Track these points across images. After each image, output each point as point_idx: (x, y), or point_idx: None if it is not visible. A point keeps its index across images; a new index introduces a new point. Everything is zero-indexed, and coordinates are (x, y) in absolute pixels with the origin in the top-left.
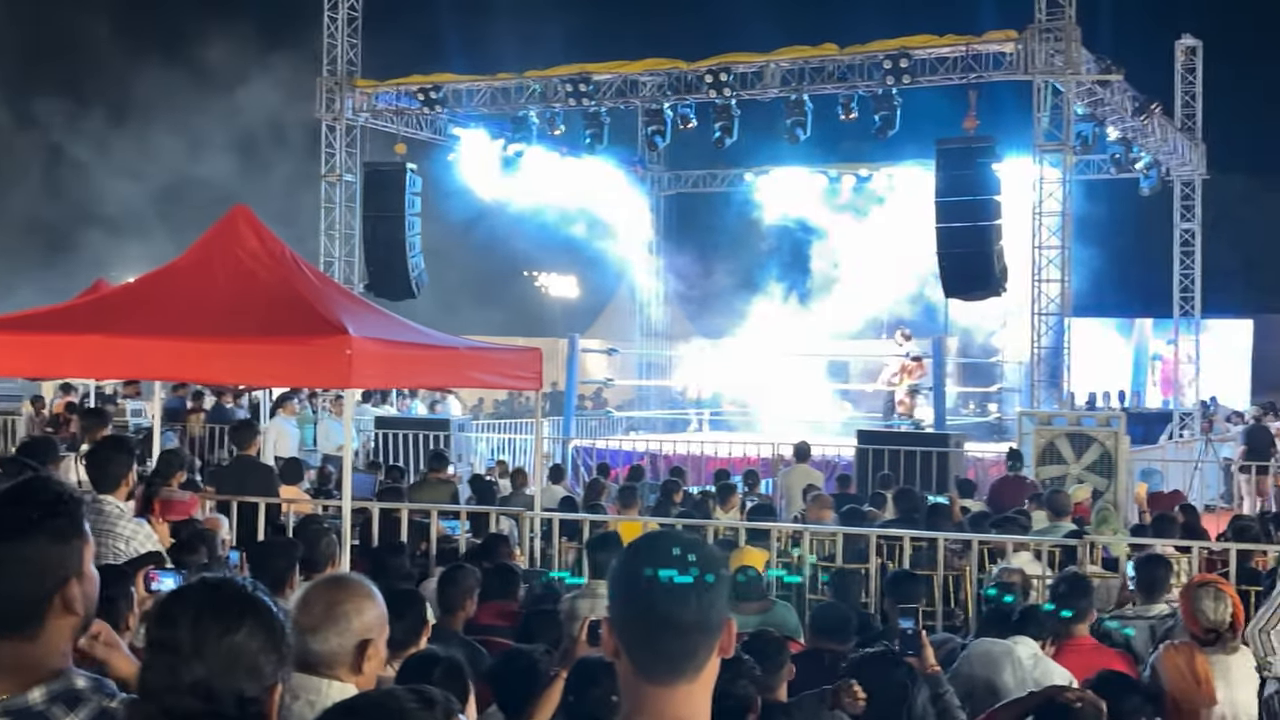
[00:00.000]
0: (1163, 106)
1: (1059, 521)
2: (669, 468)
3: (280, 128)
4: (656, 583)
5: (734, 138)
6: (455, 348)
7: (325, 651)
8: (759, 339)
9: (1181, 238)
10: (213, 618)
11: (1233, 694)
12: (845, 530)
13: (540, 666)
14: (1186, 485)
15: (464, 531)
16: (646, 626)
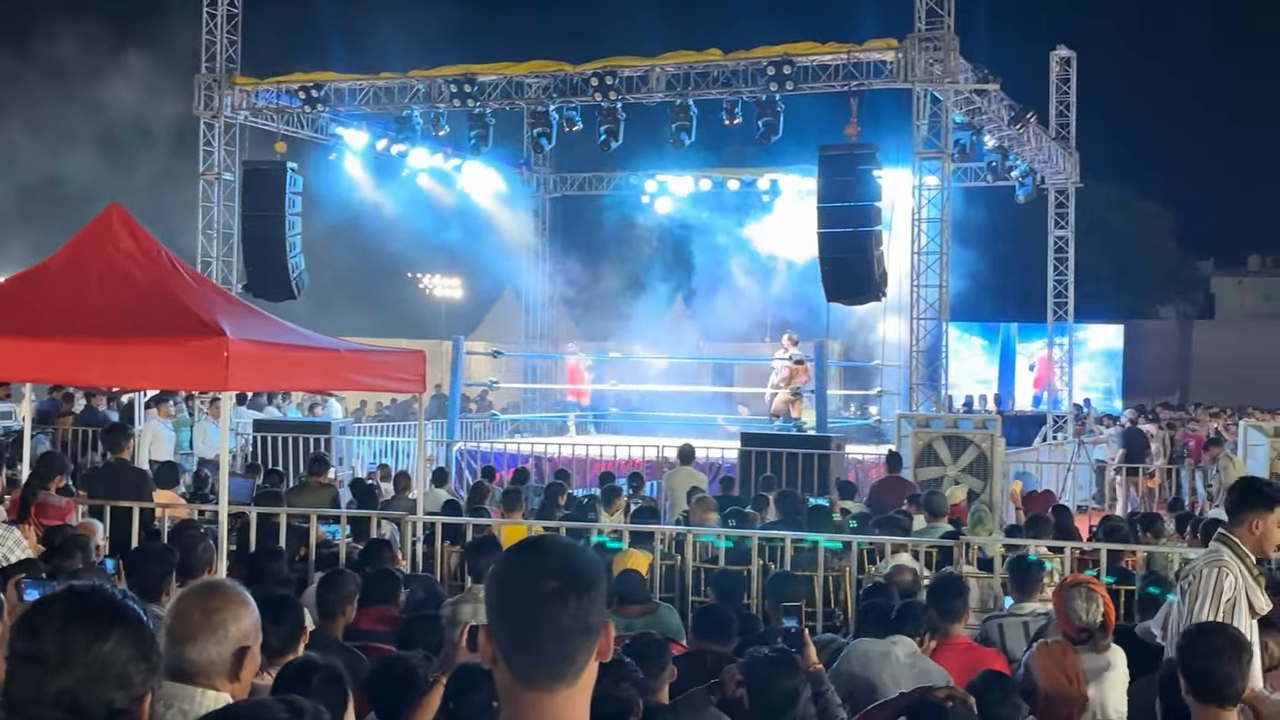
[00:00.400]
0: (1037, 116)
1: (936, 522)
2: (554, 471)
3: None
4: (533, 588)
5: (619, 141)
6: (336, 350)
7: (202, 661)
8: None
9: (1055, 244)
10: (80, 627)
11: (1103, 692)
12: (728, 532)
13: (418, 674)
14: (1060, 486)
15: (344, 536)
16: (523, 632)
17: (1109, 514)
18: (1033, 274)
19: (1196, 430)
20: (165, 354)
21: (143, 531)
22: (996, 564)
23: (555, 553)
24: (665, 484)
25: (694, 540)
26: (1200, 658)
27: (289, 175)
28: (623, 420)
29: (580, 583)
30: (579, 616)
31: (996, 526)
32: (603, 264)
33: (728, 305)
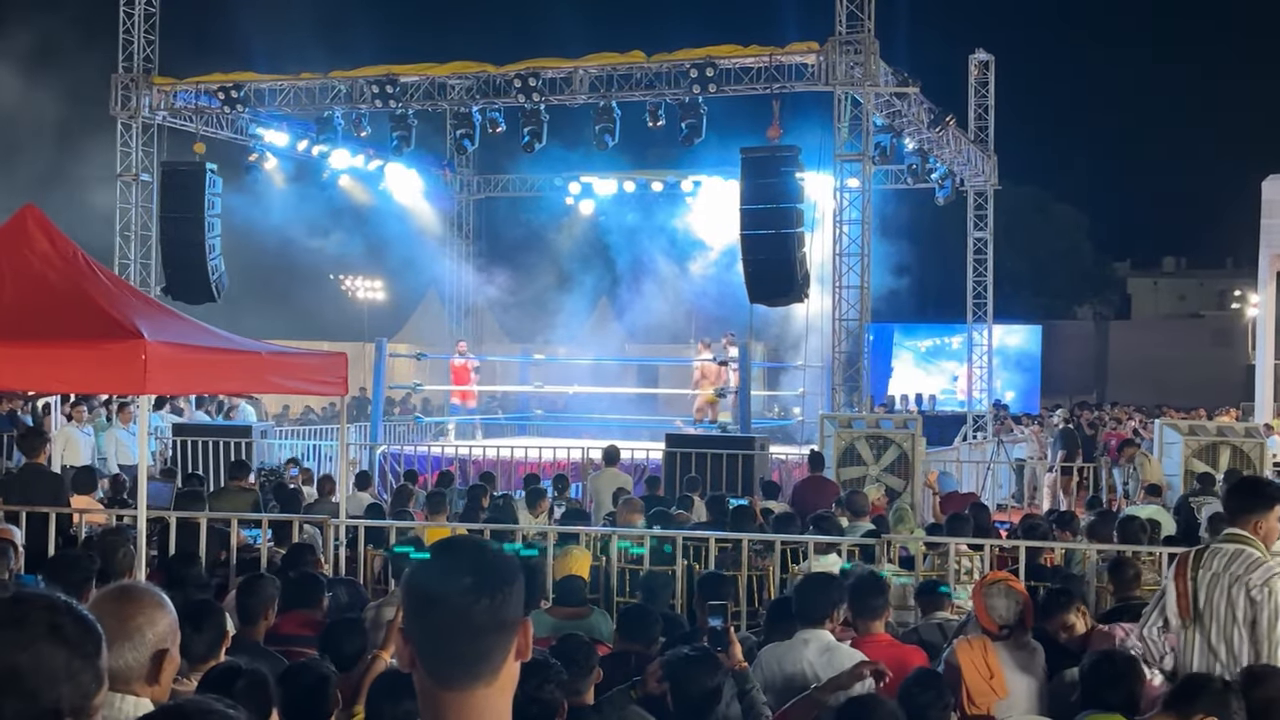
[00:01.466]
0: (956, 119)
1: (858, 521)
2: (478, 473)
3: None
4: (445, 587)
5: (543, 143)
6: (257, 352)
7: (119, 666)
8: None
9: (974, 246)
10: None
11: (1022, 687)
12: (654, 534)
13: (330, 681)
14: (979, 485)
15: (265, 540)
16: (438, 632)
17: (1029, 512)
18: (952, 276)
19: (1114, 430)
20: (81, 357)
21: (59, 537)
22: (918, 562)
23: (467, 552)
24: (590, 485)
25: (618, 542)
26: None
27: (208, 176)
28: (547, 422)
29: (493, 580)
30: (492, 613)
31: (917, 525)
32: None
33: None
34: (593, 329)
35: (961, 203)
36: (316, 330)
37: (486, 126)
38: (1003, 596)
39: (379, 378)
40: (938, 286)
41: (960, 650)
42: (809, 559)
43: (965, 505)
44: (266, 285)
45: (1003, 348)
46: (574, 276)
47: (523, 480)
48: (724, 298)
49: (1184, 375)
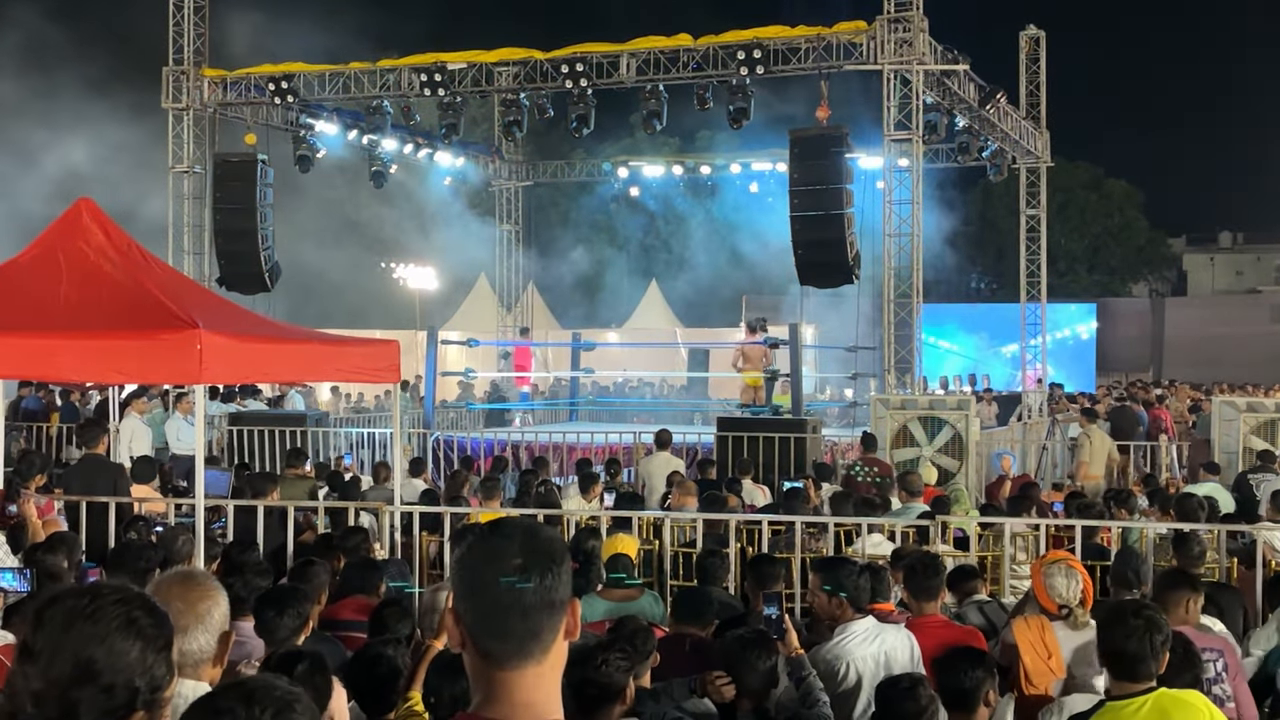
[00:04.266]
0: (1007, 95)
1: (912, 502)
2: (531, 458)
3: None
4: (495, 567)
5: (590, 128)
6: (310, 341)
7: (194, 649)
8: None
9: (1027, 224)
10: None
11: (1082, 668)
12: (705, 516)
13: (396, 662)
14: (1036, 465)
15: (322, 527)
16: (488, 611)
17: (1072, 490)
18: (1004, 256)
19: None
20: (137, 348)
21: (120, 525)
22: (973, 543)
23: (515, 532)
24: (643, 470)
25: (672, 525)
26: None
27: (260, 167)
28: (599, 407)
29: (542, 559)
30: (542, 593)
31: (972, 506)
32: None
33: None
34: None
35: (1013, 180)
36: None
37: (534, 112)
38: (1063, 576)
39: (431, 365)
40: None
41: (1018, 629)
42: (860, 539)
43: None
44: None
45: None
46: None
47: (575, 465)
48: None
49: (1241, 352)
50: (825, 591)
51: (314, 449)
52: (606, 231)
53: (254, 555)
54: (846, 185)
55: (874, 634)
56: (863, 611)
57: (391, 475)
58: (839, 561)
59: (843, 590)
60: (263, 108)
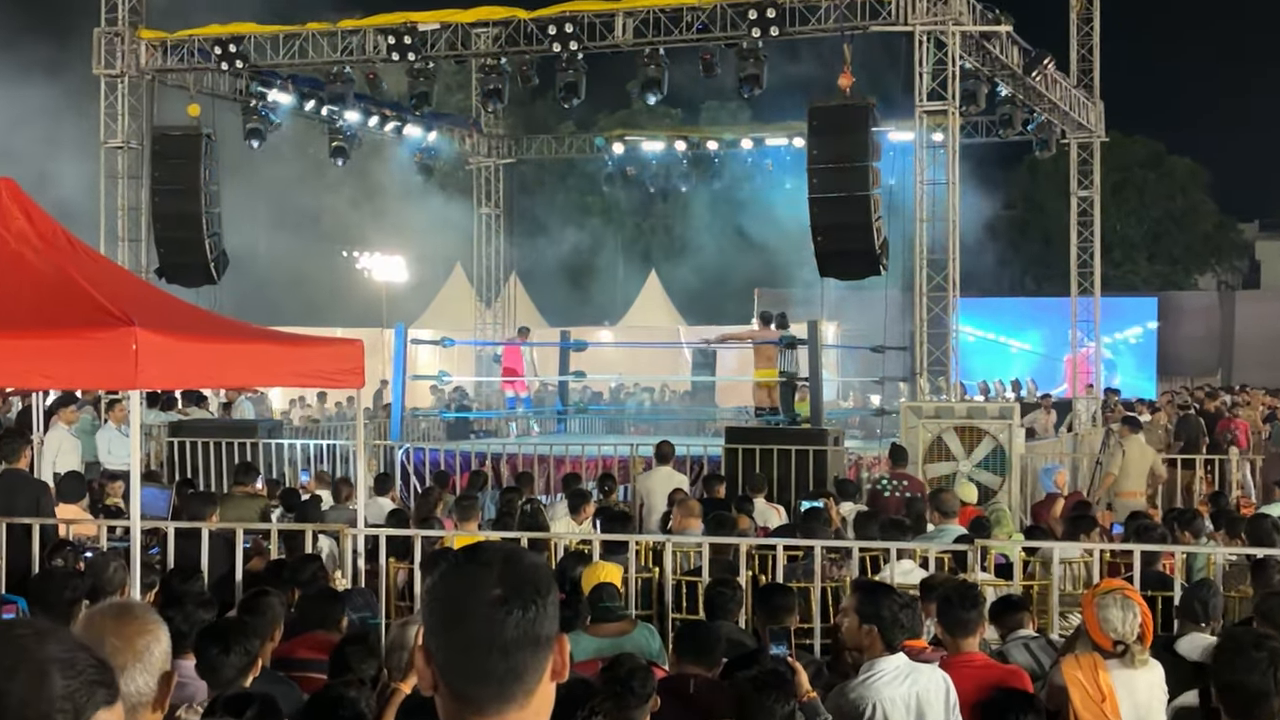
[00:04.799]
0: (1056, 61)
1: (946, 524)
2: (513, 474)
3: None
4: (472, 598)
5: (581, 97)
6: (262, 340)
7: (132, 691)
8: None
9: (1079, 206)
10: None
11: (1140, 712)
12: (712, 540)
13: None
14: (1088, 482)
15: (276, 553)
16: (464, 648)
17: (1135, 511)
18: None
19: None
20: (64, 348)
21: (44, 551)
22: (1017, 570)
23: (495, 558)
24: (640, 486)
25: (674, 550)
26: None
27: (204, 142)
28: (591, 416)
29: (525, 589)
30: (525, 627)
31: (1016, 528)
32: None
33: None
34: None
35: (1063, 157)
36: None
37: (517, 80)
38: (1118, 608)
39: (400, 367)
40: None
41: (1067, 669)
42: (888, 566)
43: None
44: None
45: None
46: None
47: (562, 482)
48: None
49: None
50: (859, 615)
51: (266, 463)
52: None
53: (197, 585)
54: (873, 163)
55: (905, 674)
56: (893, 649)
57: (354, 493)
58: (883, 589)
59: (878, 621)
60: (208, 75)
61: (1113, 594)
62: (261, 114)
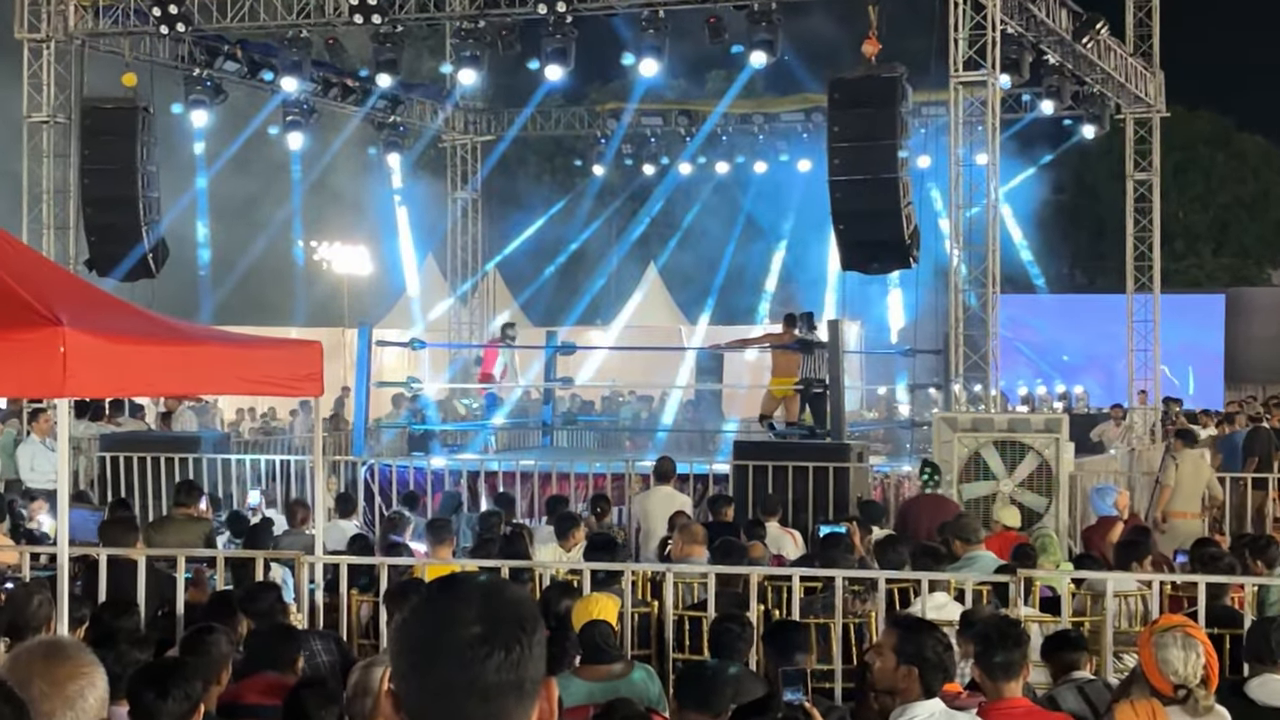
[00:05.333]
0: (1110, 25)
1: (972, 551)
2: (492, 495)
3: None
4: (449, 637)
5: (569, 65)
6: (207, 342)
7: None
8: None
9: (1136, 191)
10: None
11: None
12: (719, 570)
13: None
14: (1145, 504)
15: (222, 583)
16: (439, 693)
17: (1201, 538)
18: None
19: None
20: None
21: None
22: (1065, 604)
23: (473, 591)
24: (638, 508)
25: (675, 581)
26: None
27: (141, 117)
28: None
29: (507, 626)
30: (508, 670)
31: (1064, 556)
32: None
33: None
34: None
35: (1117, 135)
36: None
37: (497, 46)
38: (1179, 647)
39: (363, 372)
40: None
41: (1122, 717)
42: (920, 599)
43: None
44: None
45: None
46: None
47: (546, 504)
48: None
49: None
50: (898, 655)
51: (211, 482)
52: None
53: (131, 620)
54: (902, 141)
55: None
56: (931, 694)
57: (311, 516)
58: (926, 626)
59: (921, 662)
60: (145, 39)
61: (1173, 631)
62: (206, 84)
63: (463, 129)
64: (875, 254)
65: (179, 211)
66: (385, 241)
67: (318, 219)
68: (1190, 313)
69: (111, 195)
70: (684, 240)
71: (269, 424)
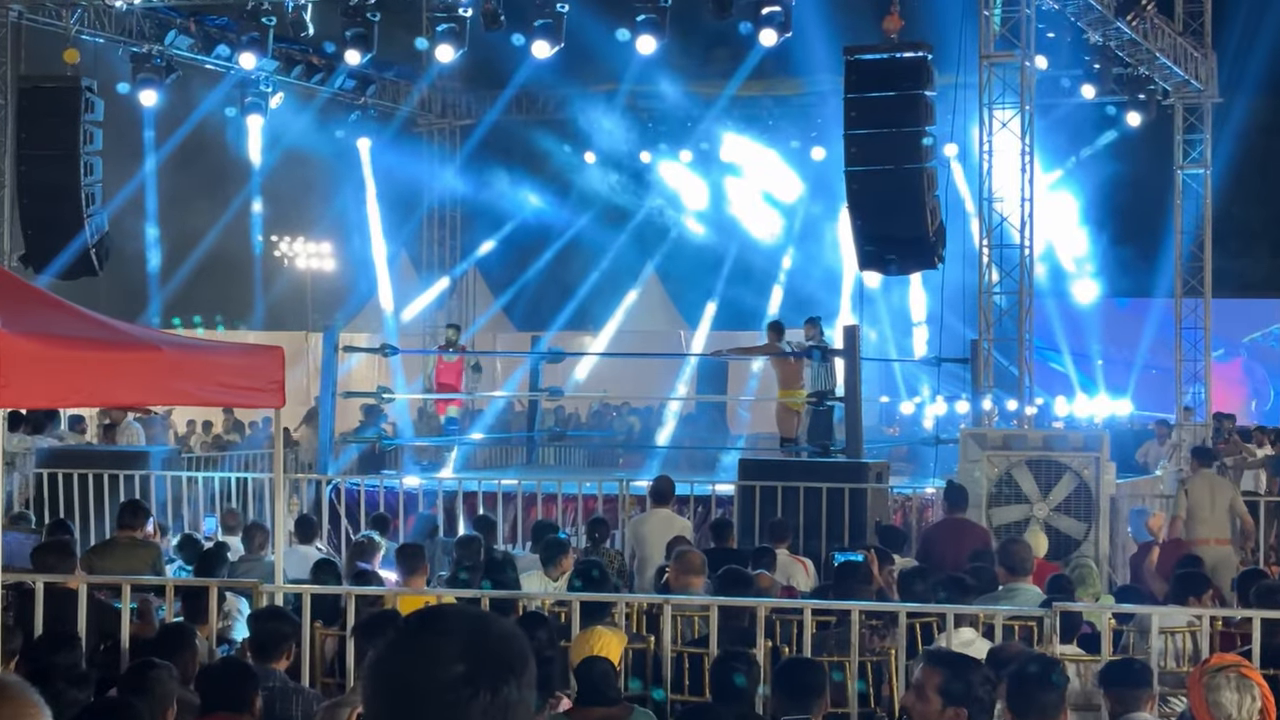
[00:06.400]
0: (1158, 3)
1: (1017, 583)
2: (472, 518)
3: None
4: (429, 676)
5: (561, 42)
6: (157, 347)
7: None
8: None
9: (1185, 185)
10: None
11: None
12: (722, 601)
13: None
14: None
15: (172, 614)
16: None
17: (1255, 568)
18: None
19: None
20: None
21: None
22: (1105, 641)
23: (455, 625)
24: (632, 533)
25: (673, 614)
26: None
27: (84, 98)
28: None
29: (493, 664)
30: (494, 714)
31: (1104, 588)
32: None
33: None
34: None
35: (1165, 123)
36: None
37: (480, 20)
38: (1233, 689)
39: (329, 381)
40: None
41: None
42: (945, 635)
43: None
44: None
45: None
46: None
47: (532, 529)
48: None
49: None
50: (944, 696)
51: (159, 502)
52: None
53: (70, 656)
54: (927, 128)
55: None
56: None
57: (271, 540)
58: (972, 663)
59: (972, 704)
60: (89, 12)
61: (1226, 672)
62: (156, 61)
63: (440, 112)
64: (896, 253)
65: (125, 202)
66: (353, 236)
67: (279, 211)
68: (1244, 318)
69: (50, 183)
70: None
71: (223, 438)
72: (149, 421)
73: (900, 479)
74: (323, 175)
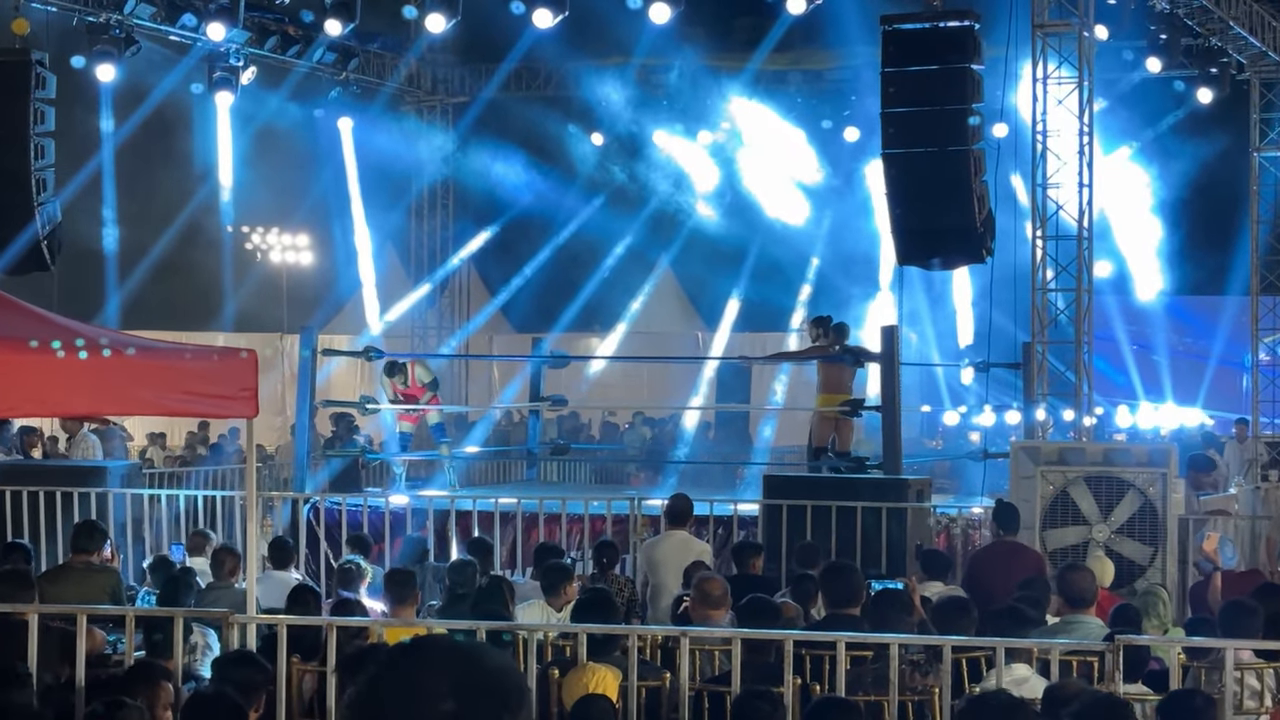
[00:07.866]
0: None
1: (1077, 615)
2: (465, 541)
3: None
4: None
5: (564, 10)
6: (116, 351)
7: None
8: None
9: (1261, 169)
10: None
11: None
12: (745, 634)
13: None
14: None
15: (131, 647)
16: None
17: None
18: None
19: None
20: None
21: None
22: (1174, 677)
23: (446, 659)
24: (645, 558)
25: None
26: None
27: (34, 73)
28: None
29: (488, 703)
30: None
31: (1173, 620)
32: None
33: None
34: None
35: (1240, 101)
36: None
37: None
38: None
39: (306, 389)
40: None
41: None
42: (995, 672)
43: (1247, 588)
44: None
45: None
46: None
47: (534, 553)
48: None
49: None
50: None
51: (118, 523)
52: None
53: (23, 693)
54: (973, 106)
55: None
56: None
57: (242, 566)
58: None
59: None
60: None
61: None
62: (115, 33)
63: (430, 88)
64: (939, 245)
65: (80, 189)
66: (333, 226)
67: (251, 199)
68: None
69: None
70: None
71: (189, 452)
72: (106, 434)
73: (944, 497)
74: (299, 159)
